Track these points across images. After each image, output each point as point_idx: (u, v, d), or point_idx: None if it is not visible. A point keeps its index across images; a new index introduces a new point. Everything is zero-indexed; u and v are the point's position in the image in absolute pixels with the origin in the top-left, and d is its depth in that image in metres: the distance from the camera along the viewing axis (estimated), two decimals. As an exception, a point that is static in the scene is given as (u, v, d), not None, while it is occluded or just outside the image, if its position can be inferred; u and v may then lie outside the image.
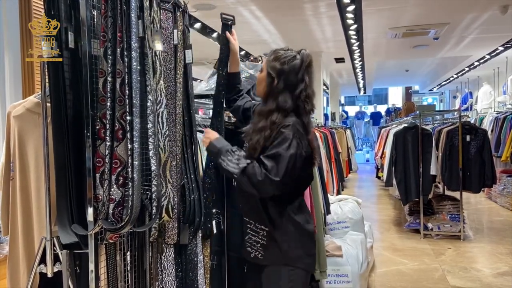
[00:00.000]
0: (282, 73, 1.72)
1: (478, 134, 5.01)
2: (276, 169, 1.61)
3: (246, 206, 1.84)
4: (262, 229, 1.77)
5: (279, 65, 1.72)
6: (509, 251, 4.50)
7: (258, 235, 1.78)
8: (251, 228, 1.80)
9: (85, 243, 1.48)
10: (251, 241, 1.80)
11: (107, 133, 1.44)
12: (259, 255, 1.78)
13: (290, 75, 1.71)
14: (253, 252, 1.79)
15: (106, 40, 1.45)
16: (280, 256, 1.75)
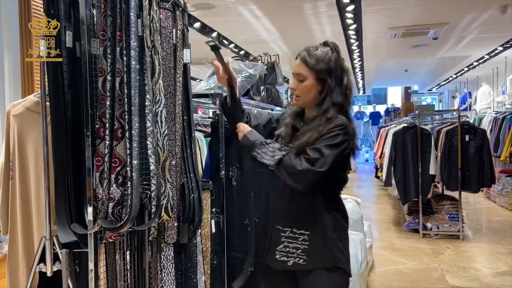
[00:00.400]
0: (331, 71, 1.68)
1: (477, 134, 5.02)
2: (323, 161, 1.57)
3: (284, 212, 1.73)
4: (302, 233, 1.68)
5: (325, 65, 1.67)
6: (508, 251, 4.50)
7: (296, 241, 1.68)
8: (286, 236, 1.70)
9: (84, 242, 1.48)
10: (288, 249, 1.69)
11: (107, 132, 1.44)
12: (300, 261, 1.68)
13: (337, 70, 1.69)
14: (291, 260, 1.69)
15: (105, 39, 1.45)
16: (325, 257, 1.69)
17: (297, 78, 1.71)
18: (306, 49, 1.71)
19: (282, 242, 1.70)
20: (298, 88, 1.71)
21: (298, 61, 1.71)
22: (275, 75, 3.67)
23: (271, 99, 3.69)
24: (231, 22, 6.10)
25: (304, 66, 1.69)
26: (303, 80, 1.70)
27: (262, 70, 2.99)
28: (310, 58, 1.68)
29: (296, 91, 1.72)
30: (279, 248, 1.71)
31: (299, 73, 1.70)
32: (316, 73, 1.67)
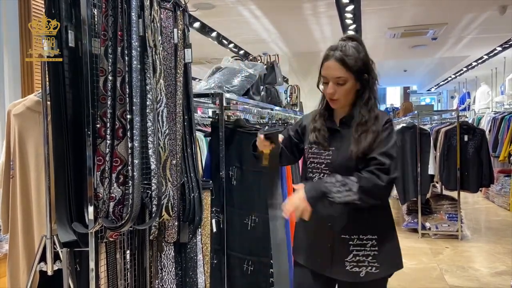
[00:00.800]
0: (368, 67, 1.58)
1: (476, 134, 5.03)
2: (394, 164, 1.51)
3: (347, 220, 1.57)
4: (370, 238, 1.57)
5: (362, 62, 1.55)
6: (506, 251, 4.51)
7: (365, 248, 1.56)
8: (354, 244, 1.57)
9: (84, 242, 1.49)
10: (358, 258, 1.56)
11: (108, 131, 1.45)
12: (373, 270, 1.56)
13: (370, 64, 1.60)
14: (364, 269, 1.56)
15: (106, 39, 1.45)
16: (395, 260, 1.63)
17: (336, 81, 1.55)
18: (338, 48, 1.55)
19: (351, 251, 1.57)
20: (338, 91, 1.56)
21: (334, 63, 1.54)
22: (275, 75, 3.68)
23: (270, 98, 3.70)
24: (231, 22, 6.11)
25: (342, 68, 1.53)
26: (344, 83, 1.55)
27: (262, 70, 3.00)
28: (348, 59, 1.54)
29: (335, 95, 1.57)
30: (349, 259, 1.57)
31: (338, 76, 1.54)
32: (357, 73, 1.55)
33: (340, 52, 1.54)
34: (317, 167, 1.61)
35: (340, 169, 1.55)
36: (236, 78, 2.68)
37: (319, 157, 1.61)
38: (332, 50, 1.56)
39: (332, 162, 1.58)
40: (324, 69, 1.58)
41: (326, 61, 1.57)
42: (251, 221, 2.29)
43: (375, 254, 1.56)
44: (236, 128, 2.36)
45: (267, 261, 2.23)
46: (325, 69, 1.57)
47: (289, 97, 5.53)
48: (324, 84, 1.60)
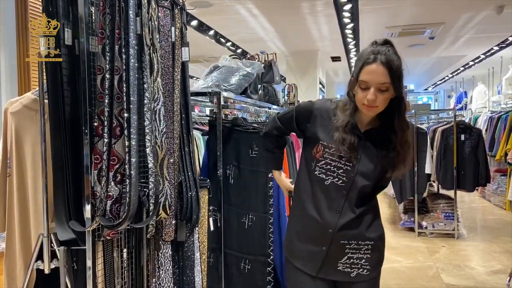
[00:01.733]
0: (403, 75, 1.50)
1: (472, 134, 5.05)
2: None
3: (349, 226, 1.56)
4: (367, 244, 1.59)
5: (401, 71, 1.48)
6: (502, 250, 4.53)
7: (360, 251, 1.58)
8: (351, 247, 1.57)
9: (82, 240, 1.49)
10: (352, 260, 1.58)
11: (105, 130, 1.44)
12: (364, 272, 1.59)
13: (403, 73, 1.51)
14: (355, 271, 1.58)
15: (104, 37, 1.45)
16: (381, 260, 1.65)
17: (378, 87, 1.44)
18: (381, 52, 1.45)
19: (346, 254, 1.58)
20: (379, 98, 1.45)
21: (380, 68, 1.43)
22: (272, 74, 3.68)
23: (268, 97, 3.71)
24: (228, 20, 6.10)
25: (387, 74, 1.43)
26: (386, 89, 1.45)
27: (259, 68, 3.00)
28: (394, 65, 1.44)
29: (375, 102, 1.45)
30: (343, 260, 1.58)
31: (383, 82, 1.43)
32: (397, 80, 1.46)
33: (385, 57, 1.44)
34: (332, 170, 1.55)
35: (357, 179, 1.54)
36: (233, 76, 2.68)
37: (338, 162, 1.55)
38: (374, 54, 1.45)
39: (352, 171, 1.54)
40: (365, 73, 1.45)
41: (369, 65, 1.44)
42: (248, 219, 2.30)
43: (368, 257, 1.58)
44: (234, 127, 2.36)
45: (264, 259, 2.23)
46: (368, 73, 1.44)
47: (287, 96, 5.54)
48: (362, 90, 1.47)
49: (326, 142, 1.56)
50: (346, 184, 1.55)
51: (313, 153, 1.59)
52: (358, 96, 1.48)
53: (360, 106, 1.50)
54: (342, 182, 1.55)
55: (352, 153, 1.52)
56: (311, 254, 1.60)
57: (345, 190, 1.55)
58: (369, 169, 1.55)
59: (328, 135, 1.56)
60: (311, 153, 1.60)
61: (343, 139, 1.52)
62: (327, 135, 1.57)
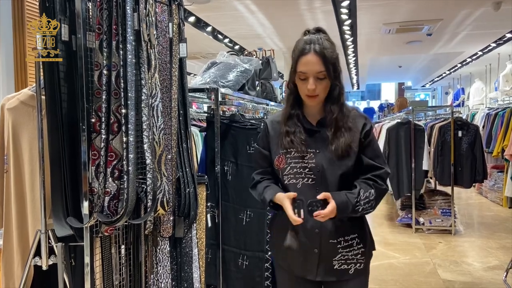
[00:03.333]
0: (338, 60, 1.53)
1: (469, 130, 5.06)
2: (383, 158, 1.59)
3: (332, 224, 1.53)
4: (353, 238, 1.56)
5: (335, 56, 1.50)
6: (499, 246, 4.56)
7: (352, 248, 1.56)
8: (342, 246, 1.55)
9: (80, 236, 1.48)
10: (347, 257, 1.55)
11: (103, 126, 1.44)
12: (361, 266, 1.58)
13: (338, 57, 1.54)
14: (352, 266, 1.56)
15: (101, 32, 1.44)
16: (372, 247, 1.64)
17: (316, 76, 1.47)
18: (314, 41, 1.48)
19: (339, 252, 1.55)
20: (319, 87, 1.48)
21: (314, 57, 1.46)
22: (270, 70, 3.68)
23: (265, 94, 3.70)
24: (226, 16, 6.08)
25: (321, 62, 1.46)
26: (324, 77, 1.48)
27: (257, 65, 2.99)
28: (327, 52, 1.47)
29: (315, 91, 1.48)
30: (337, 258, 1.54)
31: (320, 71, 1.46)
32: (333, 66, 1.48)
33: (318, 45, 1.47)
34: (299, 172, 1.52)
35: (326, 172, 1.50)
36: (231, 73, 2.67)
37: (302, 162, 1.52)
38: (308, 44, 1.48)
39: (317, 166, 1.51)
40: (302, 65, 1.48)
41: (304, 56, 1.47)
42: (246, 216, 2.30)
43: (363, 251, 1.57)
44: (232, 123, 2.36)
45: (262, 255, 2.24)
46: (304, 64, 1.47)
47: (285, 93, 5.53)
48: (301, 81, 1.50)
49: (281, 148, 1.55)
50: (316, 181, 1.51)
51: (276, 165, 1.57)
52: (300, 88, 1.51)
53: (304, 98, 1.53)
54: (312, 180, 1.51)
55: (300, 145, 1.51)
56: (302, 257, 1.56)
57: (317, 188, 1.50)
58: (330, 159, 1.50)
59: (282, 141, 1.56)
60: (276, 167, 1.58)
61: (286, 132, 1.53)
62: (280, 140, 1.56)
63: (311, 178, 1.52)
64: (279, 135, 1.57)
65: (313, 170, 1.51)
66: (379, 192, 1.53)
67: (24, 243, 1.83)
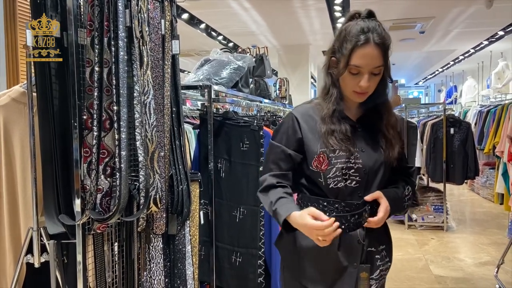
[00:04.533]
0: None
1: (462, 127, 5.10)
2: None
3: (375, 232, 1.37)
4: (383, 249, 1.40)
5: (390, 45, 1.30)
6: (490, 242, 4.60)
7: (384, 259, 1.40)
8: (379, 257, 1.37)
9: (72, 234, 1.48)
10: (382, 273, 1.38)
11: (94, 123, 1.44)
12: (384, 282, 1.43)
13: None
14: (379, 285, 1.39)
15: (93, 29, 1.44)
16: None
17: (373, 72, 1.26)
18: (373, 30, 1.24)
19: (378, 267, 1.36)
20: (372, 84, 1.28)
21: (375, 50, 1.23)
22: (264, 68, 3.68)
23: (259, 91, 3.71)
24: (219, 13, 6.07)
25: (381, 56, 1.25)
26: (379, 72, 1.27)
27: (251, 62, 2.99)
28: (387, 43, 1.26)
29: (369, 88, 1.28)
30: (375, 276, 1.35)
31: (378, 65, 1.25)
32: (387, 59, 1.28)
33: (377, 35, 1.23)
34: (345, 173, 1.30)
35: (372, 173, 1.33)
36: (224, 70, 2.67)
37: (347, 162, 1.30)
38: (366, 33, 1.23)
39: (364, 167, 1.32)
40: (358, 57, 1.23)
41: (363, 47, 1.23)
42: (239, 213, 2.30)
43: (389, 265, 1.42)
44: (225, 121, 2.36)
45: (256, 252, 2.24)
46: (362, 57, 1.23)
47: (278, 90, 5.53)
48: (351, 75, 1.27)
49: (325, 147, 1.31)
50: (361, 184, 1.32)
51: (316, 167, 1.33)
52: (348, 83, 1.28)
53: (349, 94, 1.31)
54: (356, 183, 1.32)
55: (346, 143, 1.30)
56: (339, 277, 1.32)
57: (359, 192, 1.33)
58: (379, 160, 1.34)
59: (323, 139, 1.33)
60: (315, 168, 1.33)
61: (332, 131, 1.30)
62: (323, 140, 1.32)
63: (355, 180, 1.31)
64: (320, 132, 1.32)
65: (360, 171, 1.31)
66: (414, 188, 1.46)
67: (16, 240, 1.82)
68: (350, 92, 1.30)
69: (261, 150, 2.23)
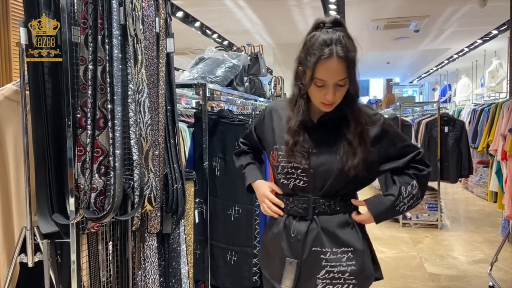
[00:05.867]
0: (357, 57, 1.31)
1: (456, 126, 5.12)
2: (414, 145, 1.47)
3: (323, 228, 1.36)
4: (345, 251, 1.34)
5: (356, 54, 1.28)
6: (484, 240, 4.63)
7: (341, 262, 1.34)
8: (327, 258, 1.34)
9: (66, 233, 1.47)
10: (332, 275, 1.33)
11: (88, 121, 1.43)
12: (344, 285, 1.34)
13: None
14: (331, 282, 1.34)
15: (86, 27, 1.43)
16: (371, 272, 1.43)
17: (338, 83, 1.25)
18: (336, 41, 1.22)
19: (323, 267, 1.34)
20: (338, 95, 1.28)
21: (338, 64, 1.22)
22: (259, 66, 3.67)
23: (254, 89, 3.70)
24: (214, 11, 6.06)
25: (345, 68, 1.23)
26: (344, 84, 1.26)
27: (246, 60, 2.99)
28: (351, 54, 1.23)
29: (335, 99, 1.28)
30: (321, 275, 1.34)
31: (343, 78, 1.24)
32: (353, 70, 1.26)
33: (341, 48, 1.21)
34: (291, 172, 1.37)
35: (319, 175, 1.34)
36: (219, 68, 2.66)
37: (294, 161, 1.35)
38: (328, 45, 1.21)
39: (311, 168, 1.34)
40: (323, 71, 1.23)
41: (326, 61, 1.21)
42: (234, 211, 2.30)
43: (353, 270, 1.34)
44: (220, 119, 2.35)
45: (250, 251, 2.25)
46: (325, 70, 1.23)
47: (273, 89, 5.53)
48: (317, 88, 1.27)
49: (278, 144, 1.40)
50: (309, 184, 1.36)
51: (271, 161, 1.44)
52: (315, 95, 1.29)
53: (317, 104, 1.32)
54: (304, 183, 1.36)
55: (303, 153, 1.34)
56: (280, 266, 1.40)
57: (310, 191, 1.36)
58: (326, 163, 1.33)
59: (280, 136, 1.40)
60: (270, 163, 1.46)
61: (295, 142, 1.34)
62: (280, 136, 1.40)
63: (303, 180, 1.36)
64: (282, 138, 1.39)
65: (306, 172, 1.35)
66: (423, 179, 1.39)
67: (10, 240, 1.81)
68: (319, 103, 1.32)
69: (256, 149, 2.22)
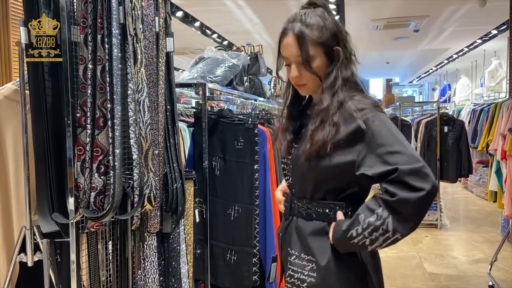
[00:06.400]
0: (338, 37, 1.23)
1: (455, 125, 5.13)
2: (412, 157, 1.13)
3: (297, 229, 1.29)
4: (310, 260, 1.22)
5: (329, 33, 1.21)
6: (484, 239, 4.63)
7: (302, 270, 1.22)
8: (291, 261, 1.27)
9: (66, 232, 1.47)
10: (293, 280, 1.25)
11: (88, 121, 1.43)
12: None
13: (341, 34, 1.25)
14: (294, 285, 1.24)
15: (86, 26, 1.42)
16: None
17: (298, 61, 1.19)
18: (297, 19, 1.19)
19: (288, 269, 1.27)
20: (304, 74, 1.20)
21: (293, 39, 1.18)
22: (258, 66, 3.67)
23: (254, 89, 3.70)
24: (214, 11, 6.06)
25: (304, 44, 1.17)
26: (309, 62, 1.18)
27: (245, 60, 2.99)
28: (311, 30, 1.17)
29: (301, 80, 1.22)
30: (286, 277, 1.28)
31: (298, 55, 1.18)
32: (325, 47, 1.18)
33: (299, 24, 1.18)
34: (284, 168, 1.37)
35: (294, 170, 1.27)
36: (219, 68, 2.66)
37: (284, 159, 1.35)
38: (290, 22, 1.20)
39: (290, 163, 1.28)
40: (282, 48, 1.22)
41: (284, 37, 1.21)
42: (234, 211, 2.30)
43: (312, 282, 1.18)
44: (219, 119, 2.35)
45: (250, 250, 2.24)
46: (283, 47, 1.21)
47: (273, 88, 5.53)
48: (287, 67, 1.24)
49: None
50: (291, 182, 1.31)
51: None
52: (288, 76, 1.26)
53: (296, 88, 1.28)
54: (289, 180, 1.33)
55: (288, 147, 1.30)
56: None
57: (293, 188, 1.31)
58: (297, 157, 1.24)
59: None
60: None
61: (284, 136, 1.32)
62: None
63: (288, 176, 1.33)
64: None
65: (288, 167, 1.31)
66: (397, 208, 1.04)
67: (9, 239, 1.81)
68: (294, 85, 1.27)
69: (255, 148, 2.22)
